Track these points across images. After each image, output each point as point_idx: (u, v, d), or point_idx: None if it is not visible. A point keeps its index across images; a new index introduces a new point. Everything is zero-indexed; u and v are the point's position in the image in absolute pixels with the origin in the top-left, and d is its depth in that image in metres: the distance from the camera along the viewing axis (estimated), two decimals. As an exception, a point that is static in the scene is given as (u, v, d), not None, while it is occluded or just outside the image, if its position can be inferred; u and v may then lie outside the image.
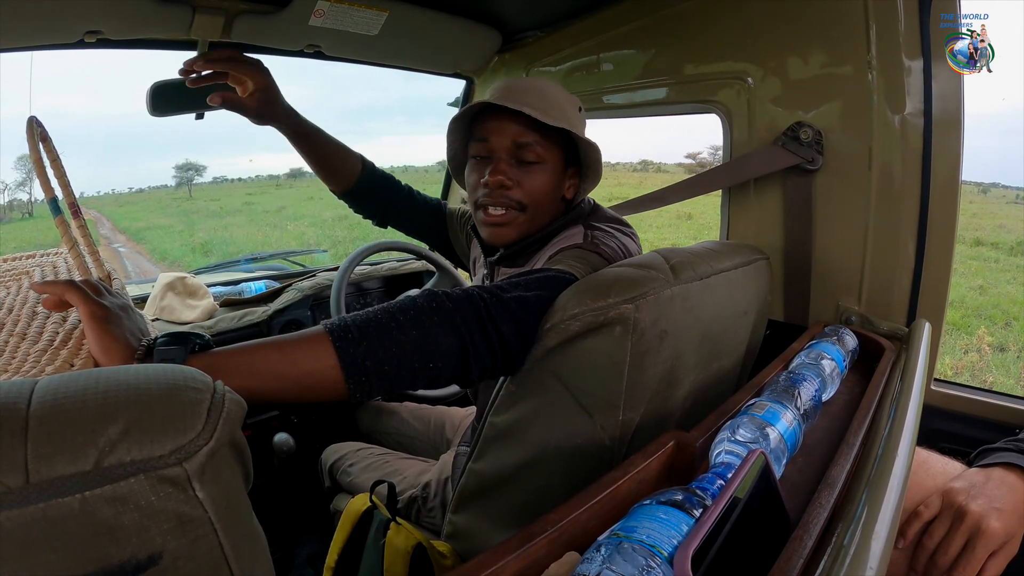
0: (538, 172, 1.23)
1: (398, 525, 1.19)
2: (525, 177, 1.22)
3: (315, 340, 0.83)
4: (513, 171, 1.22)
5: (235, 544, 0.47)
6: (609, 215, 1.32)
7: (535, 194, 1.23)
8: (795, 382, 0.93)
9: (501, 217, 1.24)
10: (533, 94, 1.21)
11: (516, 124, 1.21)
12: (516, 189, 1.22)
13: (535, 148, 1.21)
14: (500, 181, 1.21)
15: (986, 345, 7.10)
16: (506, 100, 1.19)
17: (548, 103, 1.21)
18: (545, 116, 1.18)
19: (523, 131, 1.21)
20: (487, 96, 1.24)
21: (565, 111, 1.23)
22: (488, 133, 1.23)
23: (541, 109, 1.18)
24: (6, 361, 0.76)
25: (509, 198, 1.22)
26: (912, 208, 1.36)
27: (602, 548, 0.53)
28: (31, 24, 1.35)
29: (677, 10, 1.67)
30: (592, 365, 0.92)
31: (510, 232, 1.25)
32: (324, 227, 19.88)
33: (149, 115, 1.64)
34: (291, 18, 1.61)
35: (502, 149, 1.22)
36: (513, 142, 1.21)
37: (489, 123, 1.23)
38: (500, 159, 1.22)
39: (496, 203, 1.23)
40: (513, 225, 1.25)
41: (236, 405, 0.48)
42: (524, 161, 1.22)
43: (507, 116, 1.20)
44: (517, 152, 1.22)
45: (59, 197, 0.93)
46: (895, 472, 0.69)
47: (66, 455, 0.39)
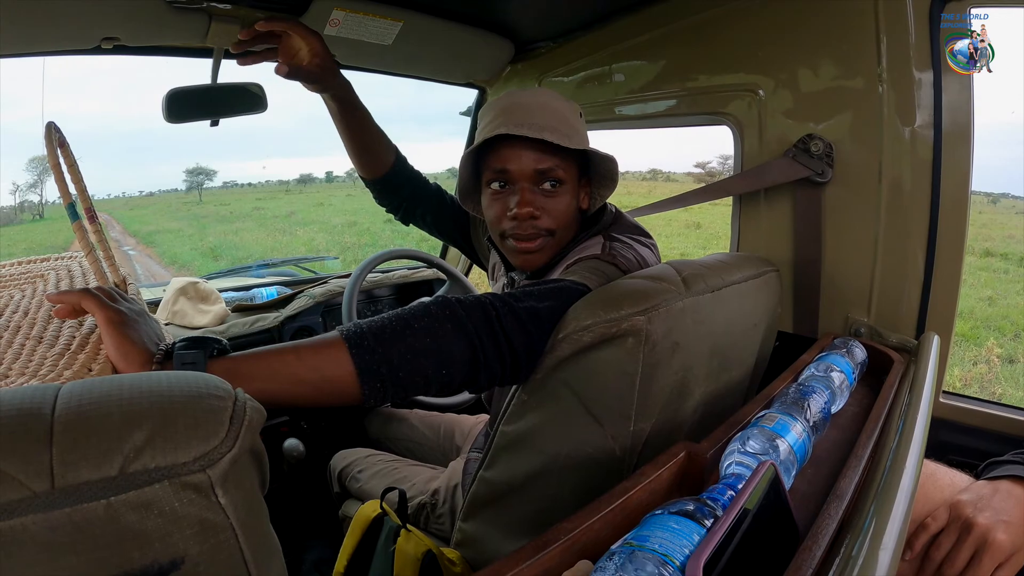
0: (562, 195, 1.22)
1: (408, 532, 1.19)
2: (550, 203, 1.21)
3: (331, 346, 0.84)
4: (538, 199, 1.20)
5: (254, 550, 0.47)
6: (631, 224, 1.31)
7: (561, 217, 1.22)
8: (805, 394, 0.94)
9: (532, 246, 1.23)
10: (544, 114, 1.19)
11: (534, 150, 1.18)
12: (544, 217, 1.21)
13: (556, 171, 1.20)
14: (530, 212, 1.19)
15: (995, 356, 7.04)
16: (522, 127, 1.15)
17: (559, 120, 1.19)
18: (566, 139, 1.16)
19: (543, 157, 1.18)
20: (491, 116, 1.21)
21: (576, 126, 1.22)
22: (506, 162, 1.20)
23: (559, 131, 1.17)
24: (23, 365, 0.77)
25: (539, 228, 1.21)
26: (921, 220, 1.36)
27: (615, 557, 0.54)
28: (49, 30, 1.37)
29: (689, 22, 1.68)
30: (604, 376, 0.93)
31: (542, 258, 1.25)
32: (334, 233, 19.89)
33: (165, 121, 1.66)
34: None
35: (524, 177, 1.20)
36: (535, 170, 1.19)
37: (505, 151, 1.20)
38: (524, 188, 1.20)
39: (527, 235, 1.22)
40: (544, 251, 1.24)
41: (256, 412, 0.49)
42: (547, 186, 1.21)
43: (524, 142, 1.17)
44: (538, 178, 1.20)
45: (76, 201, 0.94)
46: (903, 484, 0.69)
47: (91, 461, 0.40)
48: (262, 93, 1.79)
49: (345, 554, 1.29)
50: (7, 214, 34.03)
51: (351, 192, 36.15)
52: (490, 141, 1.19)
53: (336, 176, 52.87)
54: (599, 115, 1.99)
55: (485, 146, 1.22)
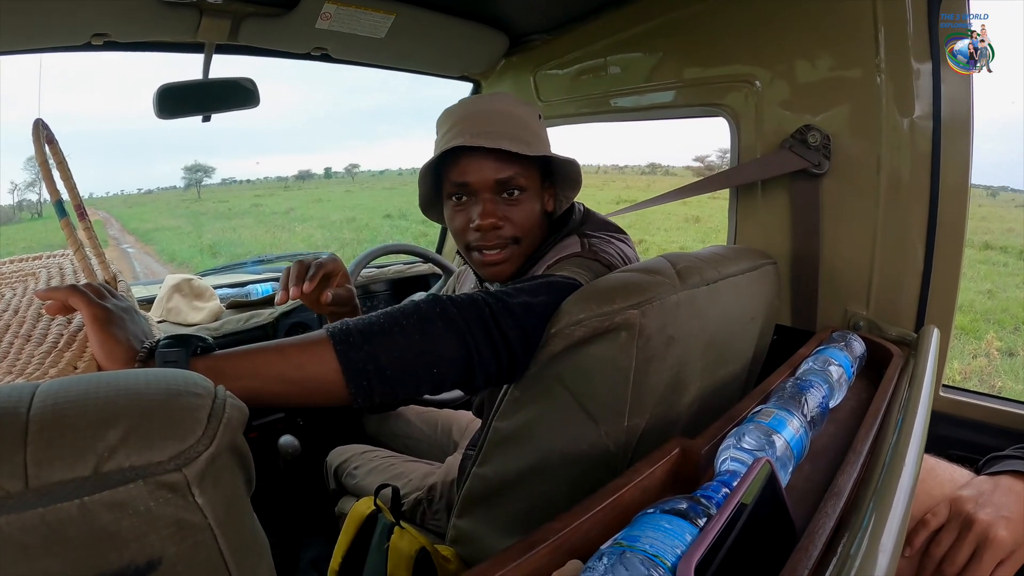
0: (524, 202, 1.20)
1: (402, 529, 1.18)
2: (513, 211, 1.19)
3: (317, 344, 0.83)
4: (501, 208, 1.19)
5: (235, 550, 0.46)
6: (601, 220, 1.30)
7: (526, 224, 1.21)
8: (802, 388, 0.93)
9: (498, 256, 1.21)
10: (502, 121, 1.17)
11: (494, 160, 1.16)
12: (508, 226, 1.19)
13: (517, 180, 1.18)
14: (492, 223, 1.18)
15: (995, 350, 7.06)
16: (479, 136, 1.14)
17: (518, 126, 1.18)
18: (526, 146, 1.15)
19: (502, 166, 1.16)
20: (447, 126, 1.19)
21: (536, 131, 1.21)
22: (465, 174, 1.18)
23: (520, 138, 1.16)
24: (10, 363, 0.76)
25: (503, 237, 1.20)
26: (921, 213, 1.35)
27: (604, 557, 0.52)
28: (39, 26, 1.37)
29: (684, 13, 1.67)
30: (597, 371, 0.92)
31: (509, 268, 1.23)
32: (332, 229, 19.96)
33: (156, 117, 1.65)
34: (298, 21, 1.62)
35: (484, 188, 1.18)
36: (495, 180, 1.17)
37: (464, 162, 1.17)
38: (486, 200, 1.18)
39: (491, 245, 1.20)
40: (511, 260, 1.23)
41: (237, 410, 0.48)
42: (509, 195, 1.19)
43: (483, 152, 1.15)
44: (499, 188, 1.18)
45: (65, 199, 0.93)
46: (902, 480, 0.68)
47: (66, 460, 0.39)
48: (254, 88, 1.79)
49: (340, 552, 1.28)
50: (6, 213, 34.12)
51: (349, 188, 36.30)
52: (448, 152, 1.17)
53: (335, 172, 53.00)
54: (595, 107, 1.98)
55: (444, 157, 1.19)
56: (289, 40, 1.73)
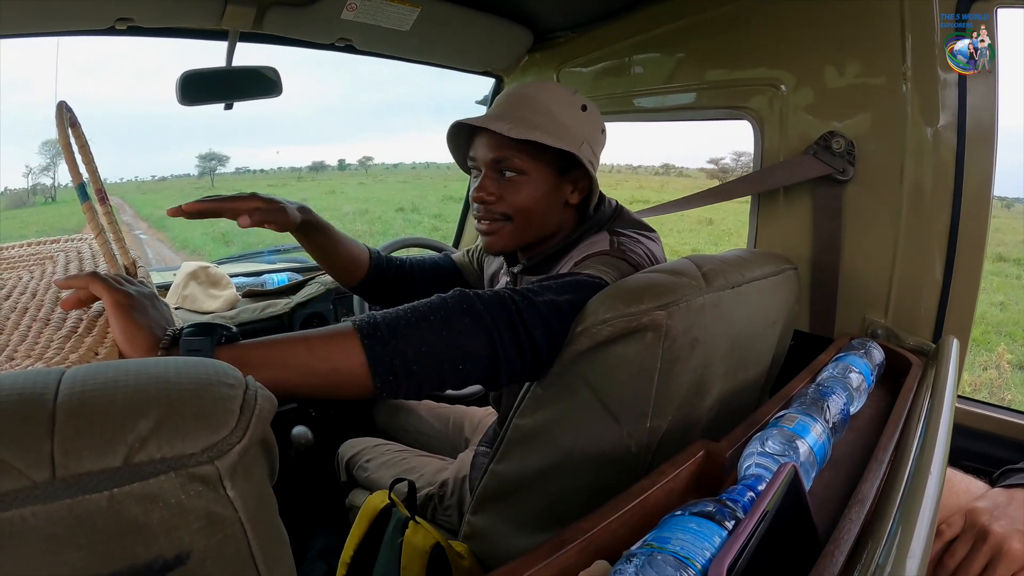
0: (521, 183, 1.23)
1: (417, 524, 1.18)
2: (508, 190, 1.24)
3: (343, 336, 0.83)
4: (495, 185, 1.25)
5: (263, 544, 0.46)
6: (633, 219, 1.31)
7: (520, 205, 1.24)
8: (824, 395, 0.93)
9: (487, 227, 1.27)
10: (518, 104, 1.24)
11: (493, 138, 1.22)
12: (499, 202, 1.24)
13: (512, 161, 1.22)
14: (480, 197, 1.25)
15: (1005, 362, 7.02)
16: (481, 118, 1.23)
17: (533, 111, 1.22)
18: (512, 129, 1.17)
19: (495, 146, 1.23)
20: None
21: (562, 120, 1.22)
22: (474, 149, 1.28)
23: (525, 121, 1.19)
24: (29, 347, 0.76)
25: (492, 211, 1.25)
26: (942, 222, 1.34)
27: (634, 559, 0.53)
28: (64, 9, 1.37)
29: (710, 15, 1.66)
30: (622, 371, 0.92)
31: (499, 241, 1.28)
32: (345, 221, 19.94)
33: (179, 104, 1.65)
34: (323, 11, 1.62)
35: (485, 164, 1.25)
36: (491, 158, 1.23)
37: (475, 138, 1.28)
38: (485, 175, 1.25)
39: (482, 216, 1.27)
40: (501, 234, 1.27)
41: (268, 402, 0.47)
42: (505, 174, 1.24)
43: (488, 131, 1.23)
44: (495, 166, 1.24)
45: (87, 183, 0.93)
46: (928, 492, 0.68)
47: (95, 450, 0.38)
48: (277, 77, 1.79)
49: (352, 544, 1.28)
50: (20, 196, 34.19)
51: (363, 180, 36.24)
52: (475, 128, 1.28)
53: (348, 164, 52.97)
54: (617, 107, 1.97)
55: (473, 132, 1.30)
56: (314, 30, 1.73)
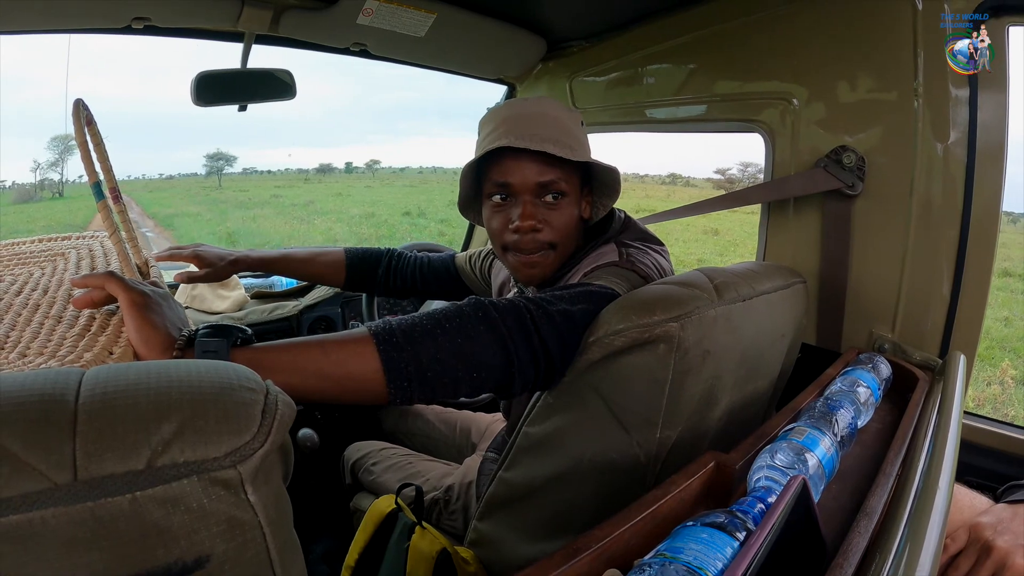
0: (564, 207, 1.19)
1: (423, 529, 1.19)
2: (553, 215, 1.19)
3: (359, 342, 0.83)
4: (540, 212, 1.18)
5: (280, 548, 0.46)
6: (641, 231, 1.29)
7: (563, 230, 1.20)
8: (832, 408, 0.93)
9: (535, 260, 1.21)
10: (544, 124, 1.16)
11: (537, 163, 1.15)
12: (546, 230, 1.19)
13: (559, 184, 1.17)
14: (532, 226, 1.17)
15: (1009, 378, 7.00)
16: (524, 139, 1.13)
17: (561, 131, 1.17)
18: (569, 151, 1.14)
19: (545, 169, 1.16)
20: (492, 126, 1.19)
21: (579, 136, 1.20)
22: (508, 175, 1.17)
23: (562, 142, 1.15)
24: (42, 344, 0.76)
25: (540, 241, 1.19)
26: (951, 238, 1.35)
27: (647, 568, 0.53)
28: (81, 7, 1.38)
29: (723, 28, 1.67)
30: (633, 381, 0.92)
31: (542, 272, 1.23)
32: (351, 223, 20.01)
33: (193, 104, 1.66)
34: (339, 15, 1.63)
35: (526, 190, 1.17)
36: (537, 183, 1.16)
37: (508, 163, 1.17)
38: (526, 201, 1.18)
39: (528, 248, 1.20)
40: (544, 265, 1.22)
41: (288, 407, 0.47)
42: (549, 199, 1.18)
43: (526, 154, 1.14)
44: (541, 191, 1.17)
45: (102, 181, 0.94)
46: (936, 507, 0.69)
47: (117, 453, 0.39)
48: (291, 80, 1.80)
49: (356, 547, 1.27)
50: (27, 191, 34.28)
51: (370, 184, 36.30)
52: (492, 152, 1.17)
53: (356, 167, 53.03)
54: (628, 117, 1.98)
55: (486, 157, 1.19)
56: (329, 34, 1.74)
